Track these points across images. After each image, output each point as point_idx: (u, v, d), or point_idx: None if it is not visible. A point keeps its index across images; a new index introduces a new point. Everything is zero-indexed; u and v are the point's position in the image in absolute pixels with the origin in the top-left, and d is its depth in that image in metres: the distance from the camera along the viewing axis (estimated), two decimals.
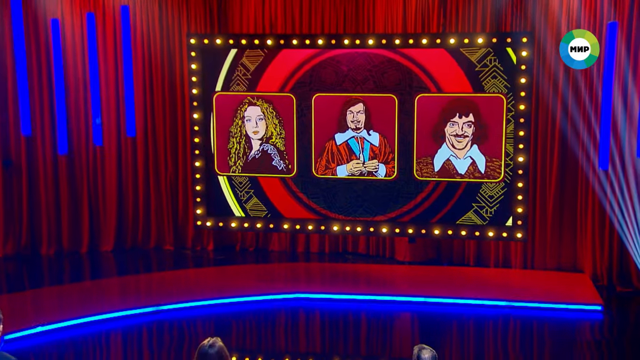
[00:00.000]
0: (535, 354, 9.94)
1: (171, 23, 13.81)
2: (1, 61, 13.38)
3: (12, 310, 10.73)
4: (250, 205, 13.11)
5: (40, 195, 13.86)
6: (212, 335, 10.33)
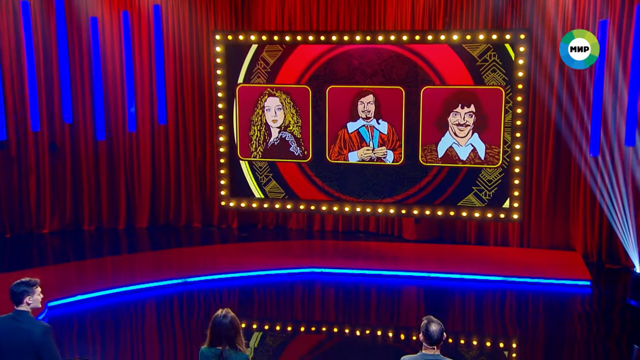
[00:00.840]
0: (530, 325, 9.89)
1: (199, 20, 13.80)
2: (47, 56, 13.45)
3: (57, 280, 10.97)
4: (269, 187, 13.14)
5: (83, 177, 14.00)
6: (235, 304, 10.50)
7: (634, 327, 9.66)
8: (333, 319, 10.30)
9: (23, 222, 13.82)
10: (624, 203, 11.38)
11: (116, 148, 14.02)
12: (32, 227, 13.85)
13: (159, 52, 13.80)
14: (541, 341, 9.27)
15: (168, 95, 13.94)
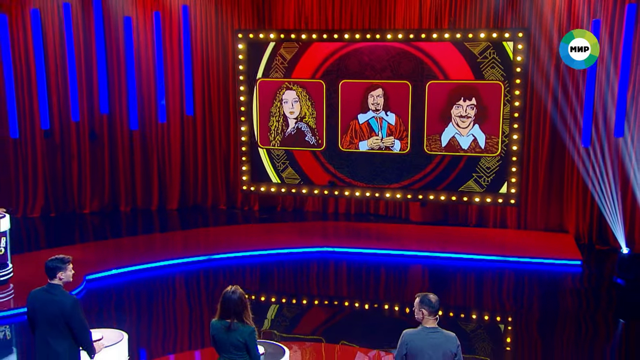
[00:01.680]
0: (525, 300, 9.88)
1: (224, 20, 13.78)
2: (87, 53, 13.55)
3: (96, 255, 11.14)
4: (286, 174, 13.18)
5: (119, 162, 14.11)
6: (256, 280, 10.57)
7: (620, 303, 9.63)
8: (344, 293, 10.32)
9: (66, 203, 13.96)
10: (612, 190, 11.30)
11: (149, 137, 14.11)
12: (74, 208, 13.99)
13: (187, 49, 13.83)
14: (535, 315, 9.26)
15: (195, 89, 13.99)
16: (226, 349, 4.95)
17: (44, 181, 13.72)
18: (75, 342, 5.23)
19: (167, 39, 13.85)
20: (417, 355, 4.80)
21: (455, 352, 4.86)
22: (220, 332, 4.95)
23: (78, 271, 9.82)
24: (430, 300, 4.94)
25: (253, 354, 4.99)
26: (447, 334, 4.90)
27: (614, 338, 8.72)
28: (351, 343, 8.15)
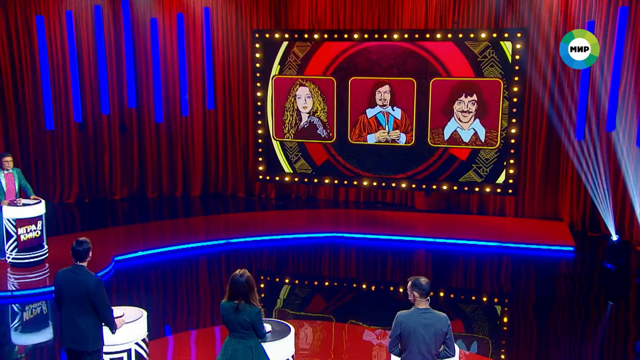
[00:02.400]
0: (522, 283, 9.88)
1: (243, 20, 13.73)
2: (118, 51, 13.62)
3: (125, 238, 11.26)
4: (298, 165, 13.24)
5: (146, 153, 14.17)
6: (273, 262, 10.56)
7: (609, 286, 9.62)
8: (353, 276, 10.33)
9: (98, 190, 14.01)
10: (604, 181, 11.23)
11: (173, 129, 14.14)
12: (105, 194, 14.05)
13: (208, 48, 13.83)
14: (531, 298, 9.27)
15: (216, 85, 13.98)
16: (234, 328, 5.00)
17: (78, 170, 13.81)
18: (98, 319, 5.30)
19: (190, 39, 13.86)
20: (410, 334, 4.82)
21: (446, 331, 4.88)
22: (228, 312, 4.99)
23: (107, 253, 10.07)
24: (421, 283, 4.93)
25: (259, 333, 5.03)
26: (438, 315, 4.92)
27: (604, 319, 8.69)
28: (359, 322, 8.20)
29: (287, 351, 5.47)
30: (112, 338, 5.51)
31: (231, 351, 4.99)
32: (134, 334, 5.70)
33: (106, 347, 5.50)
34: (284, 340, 5.43)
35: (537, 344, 7.73)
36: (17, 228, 9.35)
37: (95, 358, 5.32)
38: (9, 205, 9.43)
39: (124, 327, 5.59)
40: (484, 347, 7.57)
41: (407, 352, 4.86)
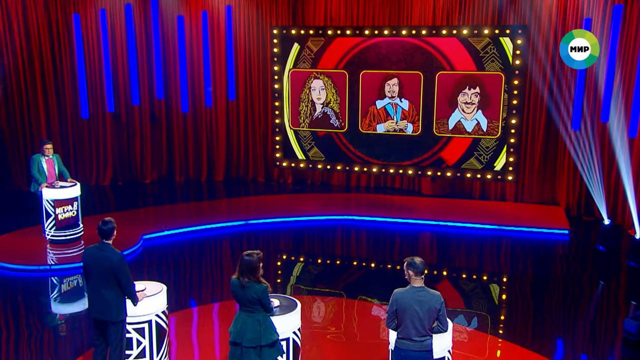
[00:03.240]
0: (520, 263, 9.81)
1: (263, 17, 13.70)
2: (148, 46, 13.67)
3: (154, 218, 11.34)
4: (312, 153, 13.24)
5: (174, 140, 14.22)
6: (290, 243, 10.56)
7: (601, 267, 9.54)
8: (364, 255, 10.33)
9: (131, 174, 14.13)
10: (598, 168, 11.11)
11: (198, 119, 14.18)
12: (137, 177, 14.16)
13: (230, 44, 13.83)
14: (528, 277, 9.23)
15: (238, 78, 13.98)
16: (243, 303, 5.05)
17: (113, 155, 13.94)
18: (121, 292, 5.37)
19: (214, 35, 13.86)
20: (405, 310, 4.85)
21: (439, 309, 4.89)
22: (237, 288, 5.04)
23: (137, 232, 10.17)
24: (416, 263, 4.92)
25: (267, 308, 5.08)
26: (432, 292, 4.92)
27: (596, 297, 8.62)
28: (368, 298, 8.22)
29: (294, 324, 5.49)
30: (134, 310, 5.58)
31: (241, 324, 5.05)
32: (154, 307, 5.75)
33: (129, 318, 5.58)
34: (290, 314, 5.46)
35: (533, 320, 7.71)
36: (55, 208, 9.49)
37: (118, 328, 5.39)
38: (48, 188, 9.56)
39: (145, 300, 5.64)
40: (483, 322, 7.56)
41: (402, 326, 4.88)
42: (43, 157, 9.73)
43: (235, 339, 5.04)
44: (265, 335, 5.02)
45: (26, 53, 12.88)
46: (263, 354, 5.03)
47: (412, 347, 4.85)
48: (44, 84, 13.17)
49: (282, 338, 5.33)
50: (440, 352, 5.20)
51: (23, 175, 13.16)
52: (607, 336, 7.28)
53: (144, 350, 5.73)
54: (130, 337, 5.66)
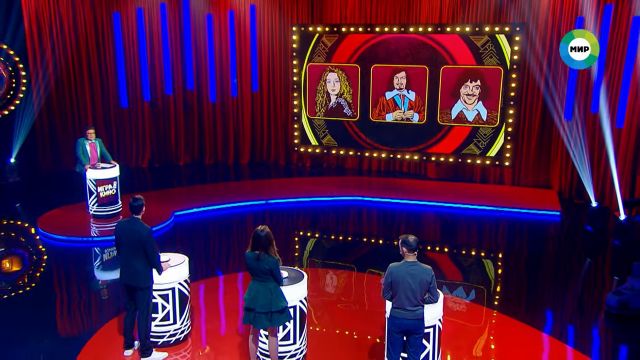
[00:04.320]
0: (516, 241, 9.77)
1: (284, 16, 13.66)
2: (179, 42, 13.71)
3: (187, 196, 11.41)
4: (325, 140, 13.26)
5: (205, 126, 14.30)
6: (308, 221, 10.55)
7: (588, 245, 9.45)
8: (374, 233, 10.33)
9: (166, 156, 14.25)
10: (588, 155, 10.94)
11: (226, 107, 14.22)
12: (172, 160, 14.27)
13: (254, 40, 13.83)
14: (523, 254, 9.17)
15: (261, 71, 13.94)
16: (256, 274, 5.12)
17: (150, 140, 14.07)
18: (148, 262, 5.46)
19: (239, 32, 13.86)
20: (399, 282, 4.87)
21: (430, 281, 4.89)
22: (251, 261, 5.09)
23: (169, 209, 10.29)
24: (409, 240, 4.90)
25: (277, 279, 5.13)
26: (424, 267, 4.92)
27: (583, 273, 8.54)
28: (376, 271, 8.22)
29: (300, 294, 5.55)
30: (160, 278, 5.68)
31: (254, 292, 5.13)
32: (177, 276, 5.84)
33: (155, 285, 5.68)
34: (298, 285, 5.50)
35: (526, 293, 7.68)
36: (97, 187, 9.65)
37: (146, 293, 5.50)
38: (91, 169, 9.71)
39: (169, 269, 5.73)
40: (480, 295, 7.54)
41: (397, 297, 4.90)
42: (87, 140, 9.87)
43: (249, 305, 5.13)
44: (275, 302, 5.09)
45: (75, 48, 13.04)
46: (273, 318, 5.11)
47: (405, 315, 4.87)
48: (90, 76, 13.34)
49: (290, 305, 5.38)
50: (432, 320, 5.21)
51: (71, 157, 13.37)
52: (592, 309, 7.22)
53: (168, 314, 5.84)
54: (156, 302, 5.77)
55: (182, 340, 5.97)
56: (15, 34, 12.30)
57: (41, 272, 8.12)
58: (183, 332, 5.97)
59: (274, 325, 5.14)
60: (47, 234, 9.20)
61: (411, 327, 4.88)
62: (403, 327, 4.89)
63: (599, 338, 6.59)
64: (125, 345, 5.70)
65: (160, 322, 5.83)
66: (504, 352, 6.03)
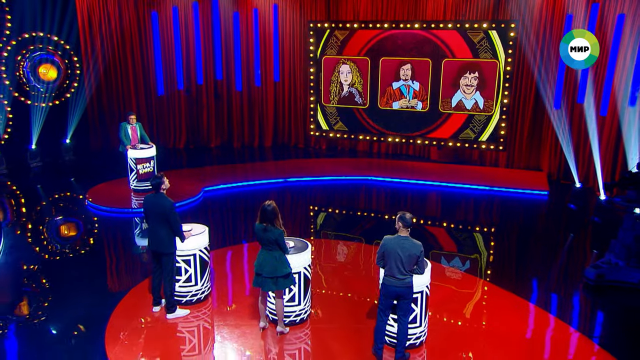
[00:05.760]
0: (508, 218, 9.65)
1: (303, 13, 13.51)
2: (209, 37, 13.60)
3: (218, 174, 11.43)
4: (337, 126, 13.18)
5: (233, 113, 14.28)
6: (324, 197, 10.54)
7: (571, 221, 9.32)
8: (382, 209, 10.29)
9: (200, 139, 14.29)
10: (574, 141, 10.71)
11: (251, 96, 14.18)
12: (204, 142, 14.31)
13: (276, 35, 13.73)
14: (516, 229, 9.08)
15: (283, 62, 13.88)
16: (264, 243, 5.18)
17: (186, 124, 14.14)
18: (171, 231, 5.52)
19: (263, 28, 13.77)
20: (390, 254, 4.88)
21: (418, 255, 4.86)
22: (259, 231, 5.15)
23: (199, 186, 10.38)
24: (406, 217, 4.87)
25: (283, 248, 5.19)
26: (414, 242, 4.89)
27: (566, 246, 8.43)
28: None
29: (305, 261, 5.59)
30: (182, 246, 5.77)
31: (262, 259, 5.21)
32: (198, 243, 5.92)
33: (178, 251, 5.78)
34: (302, 254, 5.55)
35: (516, 264, 7.63)
36: (136, 165, 9.80)
37: (170, 258, 5.61)
38: (131, 149, 9.86)
39: (191, 238, 5.80)
40: (474, 265, 7.52)
41: (388, 266, 4.93)
42: (128, 124, 9.98)
43: (257, 270, 5.21)
44: (280, 268, 5.17)
45: (120, 43, 13.15)
46: (278, 282, 5.19)
47: (395, 283, 4.89)
48: (134, 67, 13.44)
49: (295, 272, 5.45)
50: (420, 286, 5.21)
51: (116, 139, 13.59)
52: (573, 281, 7.13)
53: (190, 276, 5.96)
54: (180, 266, 5.88)
55: (202, 300, 6.09)
56: (69, 31, 12.47)
57: (89, 238, 8.34)
58: (203, 293, 6.09)
59: (280, 288, 5.21)
60: (95, 205, 9.39)
61: (400, 293, 4.90)
62: (393, 292, 4.91)
63: (578, 307, 6.51)
64: (154, 302, 5.86)
65: (184, 283, 5.95)
66: (488, 316, 6.03)
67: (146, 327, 5.58)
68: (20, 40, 11.89)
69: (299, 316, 5.63)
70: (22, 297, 6.39)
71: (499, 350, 5.34)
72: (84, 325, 5.71)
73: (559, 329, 5.81)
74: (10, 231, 8.42)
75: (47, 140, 12.46)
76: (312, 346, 5.33)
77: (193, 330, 5.57)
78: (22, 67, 11.94)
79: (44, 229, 8.66)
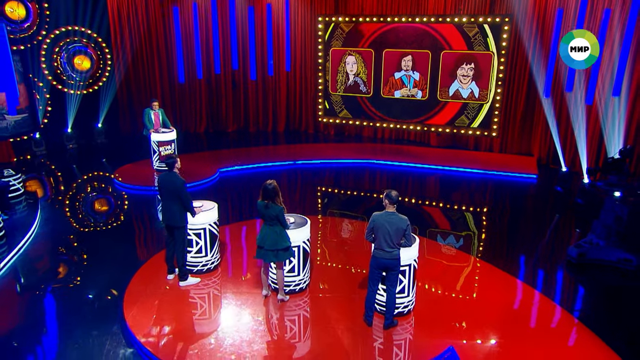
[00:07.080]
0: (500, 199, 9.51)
1: (313, 7, 13.31)
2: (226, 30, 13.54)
3: (231, 156, 11.43)
4: (342, 114, 13.05)
5: (249, 100, 14.24)
6: (332, 178, 10.50)
7: (557, 203, 9.16)
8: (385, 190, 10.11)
9: (219, 125, 14.33)
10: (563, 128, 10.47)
11: (265, 84, 14.11)
12: (223, 127, 14.34)
13: (287, 28, 13.58)
14: (507, 210, 8.96)
15: (294, 53, 13.74)
16: (266, 219, 5.19)
17: (206, 111, 14.14)
18: (183, 207, 5.56)
19: (276, 22, 13.61)
20: (379, 228, 4.86)
21: (405, 229, 4.84)
22: (261, 208, 5.16)
23: (215, 167, 10.40)
24: (392, 194, 4.87)
25: (283, 224, 5.20)
26: (400, 217, 4.87)
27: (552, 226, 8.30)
28: None
29: (303, 236, 5.59)
30: (193, 220, 5.82)
31: (264, 233, 5.23)
32: (208, 218, 5.94)
33: (190, 225, 5.83)
34: (301, 229, 5.55)
35: (507, 242, 7.55)
36: (159, 147, 9.87)
37: (182, 232, 5.65)
38: (154, 133, 9.91)
39: (201, 213, 5.83)
40: (468, 242, 7.46)
41: (377, 240, 4.91)
42: (152, 110, 10.01)
43: (260, 243, 5.24)
44: (280, 242, 5.18)
45: (146, 35, 13.13)
46: (279, 255, 5.22)
47: (384, 255, 4.88)
48: (159, 57, 13.42)
49: (295, 245, 5.47)
50: (408, 260, 5.18)
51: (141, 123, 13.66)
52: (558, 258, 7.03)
53: (200, 248, 6.01)
54: (191, 239, 5.92)
55: (212, 269, 6.15)
56: (101, 25, 12.49)
57: (116, 212, 8.44)
58: (213, 263, 6.14)
59: (280, 260, 5.23)
60: (122, 183, 9.49)
61: (388, 265, 4.89)
62: (382, 265, 4.90)
63: (560, 283, 6.43)
64: (168, 271, 5.93)
65: (195, 254, 6.00)
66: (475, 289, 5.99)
67: (161, 293, 5.66)
68: (58, 34, 11.97)
69: (298, 285, 5.66)
70: (57, 263, 6.54)
71: (483, 319, 5.32)
72: (106, 290, 5.82)
73: (543, 303, 5.76)
74: (48, 205, 8.58)
75: (81, 124, 12.61)
76: (310, 312, 5.37)
77: (203, 297, 5.63)
78: (59, 58, 12.04)
79: (78, 204, 8.80)
